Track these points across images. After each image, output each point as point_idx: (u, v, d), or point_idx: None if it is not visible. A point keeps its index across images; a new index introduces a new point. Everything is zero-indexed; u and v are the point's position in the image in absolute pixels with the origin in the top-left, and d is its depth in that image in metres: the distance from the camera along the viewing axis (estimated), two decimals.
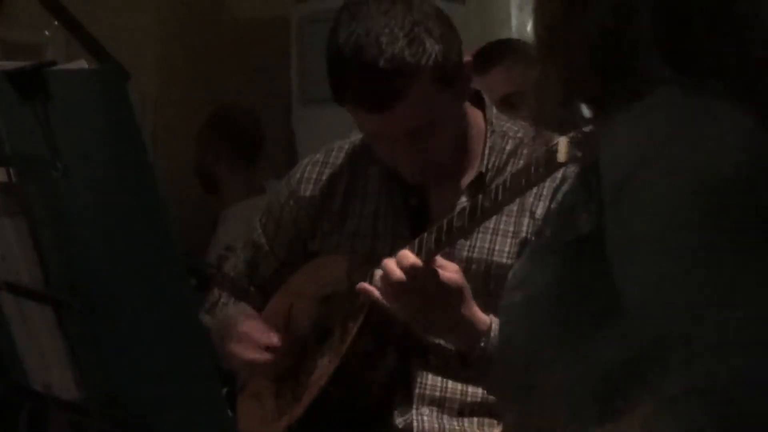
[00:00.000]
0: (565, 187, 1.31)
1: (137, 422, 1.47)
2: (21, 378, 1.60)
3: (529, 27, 1.32)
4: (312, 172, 2.29)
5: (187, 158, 4.52)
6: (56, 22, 3.36)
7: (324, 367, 2.14)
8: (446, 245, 1.99)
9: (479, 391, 2.12)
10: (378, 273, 2.04)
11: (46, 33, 4.14)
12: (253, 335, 2.22)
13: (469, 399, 2.12)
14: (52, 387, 1.56)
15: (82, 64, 1.44)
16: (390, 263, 1.96)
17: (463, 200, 2.12)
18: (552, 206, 1.32)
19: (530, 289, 1.23)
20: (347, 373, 2.10)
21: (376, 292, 2.02)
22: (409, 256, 1.95)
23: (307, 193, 2.27)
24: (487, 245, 2.12)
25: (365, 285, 2.05)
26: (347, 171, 2.26)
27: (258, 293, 2.38)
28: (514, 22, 4.43)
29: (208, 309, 2.41)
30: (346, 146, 2.29)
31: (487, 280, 2.09)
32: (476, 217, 1.95)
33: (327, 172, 2.27)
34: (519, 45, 3.16)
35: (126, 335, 1.44)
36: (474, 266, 2.11)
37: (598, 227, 1.15)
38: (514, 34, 4.19)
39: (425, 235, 1.99)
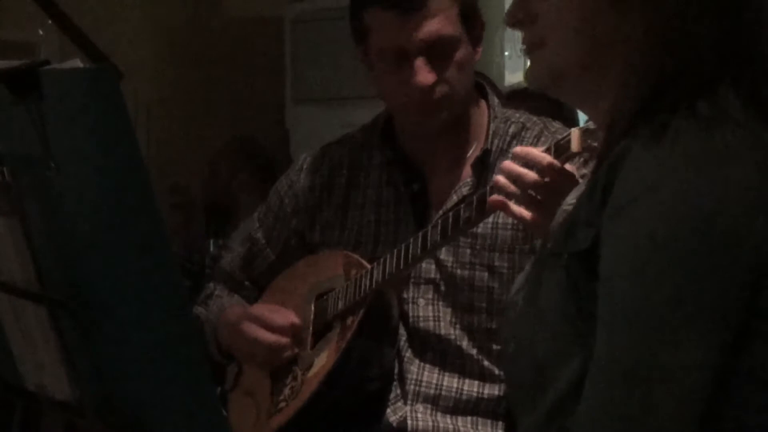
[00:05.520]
0: (571, 200, 1.30)
1: (131, 423, 1.47)
2: (14, 378, 1.60)
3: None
4: (312, 164, 2.29)
5: (181, 157, 4.51)
6: (50, 21, 3.36)
7: (323, 362, 2.13)
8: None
9: (474, 389, 2.12)
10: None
11: (40, 32, 4.14)
12: (268, 317, 2.19)
13: (463, 397, 2.12)
14: (45, 387, 1.55)
15: (76, 63, 1.43)
16: (512, 167, 1.73)
17: (468, 180, 2.13)
18: (557, 218, 1.31)
19: (535, 303, 1.23)
20: (346, 369, 2.10)
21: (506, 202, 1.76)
22: (544, 156, 1.73)
23: (307, 184, 2.28)
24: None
25: (496, 197, 1.76)
26: (347, 163, 2.26)
27: (253, 287, 2.38)
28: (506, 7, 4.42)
29: (202, 301, 2.40)
30: (346, 140, 2.30)
31: None
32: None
33: (327, 164, 2.28)
34: None
35: (120, 335, 1.44)
36: None
37: (596, 243, 1.16)
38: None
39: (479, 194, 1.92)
